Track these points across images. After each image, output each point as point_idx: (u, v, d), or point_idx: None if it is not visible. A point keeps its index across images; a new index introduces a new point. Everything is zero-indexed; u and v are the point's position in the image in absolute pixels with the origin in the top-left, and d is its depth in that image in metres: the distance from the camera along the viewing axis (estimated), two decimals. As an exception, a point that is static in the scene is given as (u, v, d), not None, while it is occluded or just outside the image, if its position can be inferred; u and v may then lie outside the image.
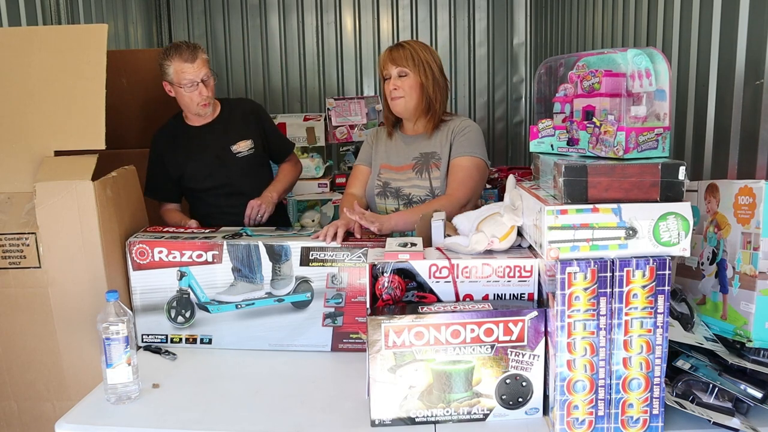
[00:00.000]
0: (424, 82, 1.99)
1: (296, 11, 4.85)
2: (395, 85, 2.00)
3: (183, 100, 2.26)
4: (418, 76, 1.98)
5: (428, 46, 2.05)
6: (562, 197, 1.22)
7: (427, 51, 2.01)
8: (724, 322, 1.38)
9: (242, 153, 2.35)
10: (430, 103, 2.01)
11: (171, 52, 2.20)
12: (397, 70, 2.00)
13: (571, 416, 1.24)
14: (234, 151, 2.34)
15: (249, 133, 2.37)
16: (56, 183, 1.68)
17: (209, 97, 2.27)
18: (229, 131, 2.36)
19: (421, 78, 1.98)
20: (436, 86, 2.00)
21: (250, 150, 2.36)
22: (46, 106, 1.80)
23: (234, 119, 2.38)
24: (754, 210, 1.30)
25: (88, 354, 1.71)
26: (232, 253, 1.73)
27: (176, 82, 2.21)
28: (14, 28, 2.55)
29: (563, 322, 1.21)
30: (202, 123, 2.35)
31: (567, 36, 3.90)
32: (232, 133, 2.35)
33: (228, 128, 2.36)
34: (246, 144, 2.35)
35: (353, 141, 4.02)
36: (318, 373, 1.63)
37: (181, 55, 2.18)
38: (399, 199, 2.06)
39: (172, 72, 2.20)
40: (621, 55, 1.31)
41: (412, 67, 1.98)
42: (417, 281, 1.39)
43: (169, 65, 2.20)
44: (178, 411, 1.43)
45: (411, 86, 1.99)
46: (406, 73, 1.99)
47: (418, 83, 1.99)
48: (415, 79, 1.99)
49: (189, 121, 2.36)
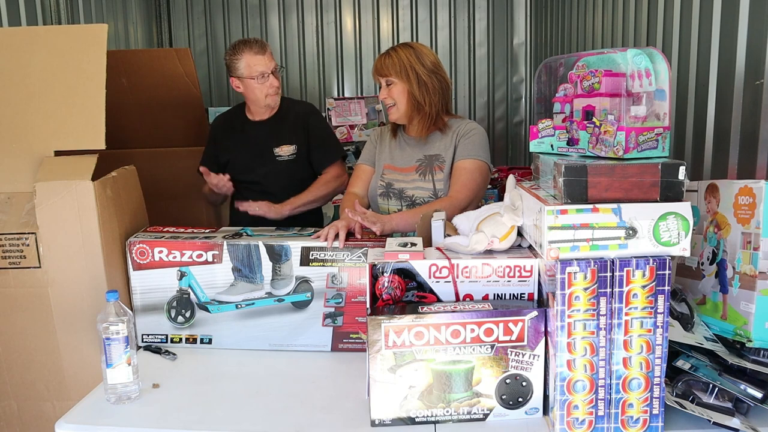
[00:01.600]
0: (409, 87, 1.99)
1: (296, 11, 4.85)
2: (384, 94, 2.04)
3: (253, 93, 2.34)
4: (403, 82, 1.99)
5: (418, 48, 2.02)
6: (562, 197, 1.22)
7: (412, 55, 1.99)
8: (724, 322, 1.38)
9: (282, 157, 2.39)
10: (419, 106, 2.01)
11: (240, 47, 2.31)
12: (384, 80, 2.03)
13: (571, 416, 1.24)
14: (275, 153, 2.38)
15: (294, 138, 2.40)
16: (56, 183, 1.68)
17: (278, 88, 2.36)
18: (277, 132, 2.40)
19: (406, 84, 1.99)
20: (422, 89, 1.99)
21: (292, 155, 2.39)
22: (46, 106, 1.80)
23: (286, 122, 2.42)
24: (754, 210, 1.30)
25: (88, 354, 1.71)
26: (232, 253, 1.73)
27: (247, 75, 2.29)
28: (14, 28, 2.56)
29: (563, 322, 1.21)
30: (258, 118, 2.42)
31: (567, 36, 3.90)
32: (279, 135, 2.40)
33: (278, 129, 2.41)
34: (289, 149, 2.39)
35: (353, 141, 4.03)
36: (318, 373, 1.63)
37: (252, 48, 2.29)
38: (402, 200, 2.06)
39: (243, 66, 2.29)
40: (621, 55, 1.31)
41: (395, 75, 2.00)
42: (417, 281, 1.39)
43: (239, 59, 2.29)
44: (178, 411, 1.43)
45: (399, 93, 2.01)
46: (392, 82, 2.01)
47: (405, 89, 2.00)
48: (402, 86, 2.00)
49: (249, 114, 2.44)
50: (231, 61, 2.32)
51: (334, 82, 4.92)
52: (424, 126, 2.04)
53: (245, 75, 2.30)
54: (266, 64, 2.31)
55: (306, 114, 2.46)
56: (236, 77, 2.33)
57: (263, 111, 2.41)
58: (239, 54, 2.30)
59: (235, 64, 2.31)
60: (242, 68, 2.30)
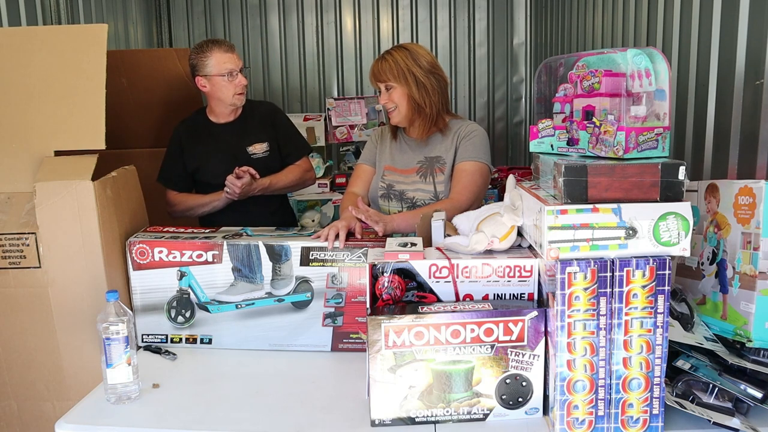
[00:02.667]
0: (408, 90, 1.99)
1: (296, 11, 4.84)
2: (385, 99, 2.03)
3: (220, 92, 2.32)
4: (402, 86, 1.99)
5: (413, 50, 2.02)
6: (562, 197, 1.22)
7: (408, 57, 1.99)
8: (724, 322, 1.38)
9: (257, 155, 2.39)
10: (420, 108, 2.01)
11: (209, 45, 2.31)
12: (383, 85, 2.02)
13: (571, 416, 1.24)
14: (249, 152, 2.38)
15: (265, 136, 2.41)
16: (56, 183, 1.68)
17: (245, 87, 2.35)
18: (247, 132, 2.40)
19: (405, 87, 1.99)
20: (422, 91, 1.98)
21: (265, 152, 2.39)
22: (46, 106, 1.80)
23: (253, 121, 2.42)
24: (754, 210, 1.30)
25: (88, 354, 1.71)
26: (232, 253, 1.73)
27: (216, 73, 2.28)
28: (14, 28, 2.56)
29: (563, 322, 1.22)
30: (223, 121, 2.41)
31: (567, 36, 3.90)
32: (250, 135, 2.40)
33: (247, 129, 2.40)
34: (262, 147, 2.39)
35: (353, 141, 4.02)
36: (318, 373, 1.63)
37: (221, 47, 2.30)
38: (403, 201, 2.05)
39: (212, 63, 2.28)
40: (621, 55, 1.31)
41: (393, 79, 1.99)
42: (417, 281, 1.39)
43: (207, 57, 2.28)
44: (178, 411, 1.43)
45: (399, 97, 2.01)
46: (391, 86, 2.01)
47: (405, 93, 2.00)
48: (401, 89, 2.00)
49: (212, 117, 2.42)
50: (198, 60, 2.29)
51: (334, 82, 4.92)
52: (426, 127, 2.04)
53: (214, 72, 2.28)
54: (235, 62, 2.30)
55: (271, 112, 2.49)
56: (203, 76, 2.30)
57: (228, 112, 2.39)
58: (208, 52, 2.28)
59: (203, 62, 2.28)
60: (211, 66, 2.28)
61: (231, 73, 2.29)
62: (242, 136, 2.40)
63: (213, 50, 2.28)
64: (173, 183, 2.41)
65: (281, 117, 2.52)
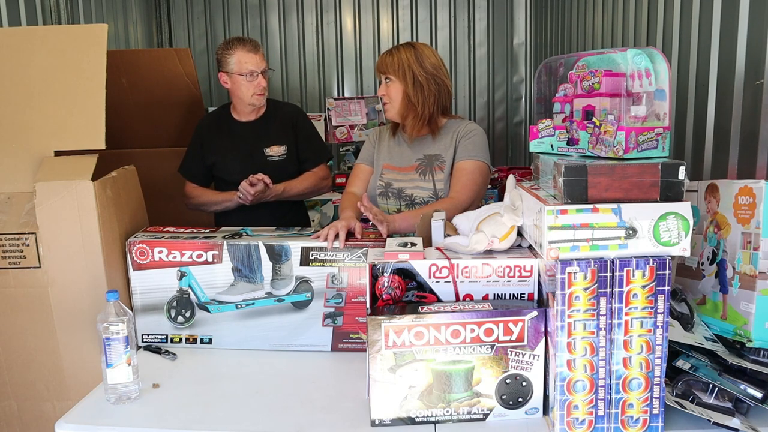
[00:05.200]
0: (405, 87, 2.00)
1: (296, 11, 4.85)
2: (383, 91, 2.05)
3: (240, 90, 2.34)
4: (400, 81, 2.00)
5: (420, 49, 2.02)
6: (562, 197, 1.22)
7: (412, 55, 2.00)
8: (724, 322, 1.38)
9: (273, 157, 2.39)
10: (412, 107, 2.01)
11: (234, 43, 2.32)
12: (384, 77, 2.04)
13: (571, 416, 1.24)
14: (266, 154, 2.39)
15: (284, 139, 2.41)
16: (56, 183, 1.68)
17: (265, 89, 2.37)
18: (266, 133, 2.41)
19: (402, 83, 2.00)
20: (417, 90, 1.99)
21: (282, 156, 2.40)
22: (46, 106, 1.80)
23: (275, 122, 2.43)
24: (754, 210, 1.30)
25: (88, 354, 1.71)
26: (232, 253, 1.73)
27: (237, 72, 2.30)
28: (14, 28, 2.56)
29: (563, 322, 1.22)
30: (244, 119, 2.42)
31: (567, 36, 3.90)
32: (269, 136, 2.41)
33: (267, 130, 2.41)
34: (279, 149, 2.40)
35: (353, 141, 4.03)
36: (318, 373, 1.63)
37: (245, 46, 2.31)
38: (401, 200, 2.06)
39: (234, 62, 2.30)
40: (621, 55, 1.31)
41: (393, 74, 2.01)
42: (417, 281, 1.39)
43: (231, 55, 2.30)
44: (178, 411, 1.43)
45: (395, 91, 2.02)
46: (390, 80, 2.02)
47: (401, 89, 2.01)
48: (398, 84, 2.01)
49: (235, 115, 2.44)
50: (222, 56, 2.33)
51: (334, 82, 4.92)
52: (416, 126, 2.05)
53: (234, 71, 2.31)
54: (257, 63, 2.31)
55: (294, 114, 2.48)
56: (225, 72, 2.33)
57: (249, 111, 2.41)
58: (232, 50, 2.31)
59: (227, 59, 2.32)
60: (233, 64, 2.30)
61: (251, 74, 2.30)
62: (261, 137, 2.40)
63: (237, 48, 2.30)
64: (192, 175, 2.44)
65: (304, 120, 2.50)
